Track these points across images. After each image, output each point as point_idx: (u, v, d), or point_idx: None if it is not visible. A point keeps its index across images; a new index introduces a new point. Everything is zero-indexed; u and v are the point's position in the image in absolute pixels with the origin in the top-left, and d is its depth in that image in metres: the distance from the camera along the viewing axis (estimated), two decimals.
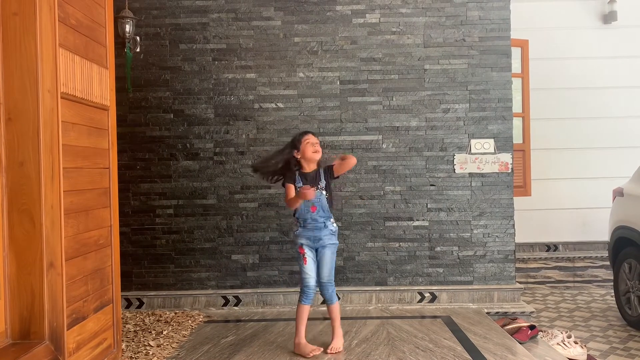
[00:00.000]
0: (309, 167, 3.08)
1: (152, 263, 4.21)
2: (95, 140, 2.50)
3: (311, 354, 2.96)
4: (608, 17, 6.18)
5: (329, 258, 3.05)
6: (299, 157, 3.07)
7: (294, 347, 3.07)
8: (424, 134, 4.22)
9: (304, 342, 3.04)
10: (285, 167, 3.09)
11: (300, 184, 3.02)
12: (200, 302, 4.17)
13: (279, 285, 4.21)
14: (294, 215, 3.11)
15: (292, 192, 3.04)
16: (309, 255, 3.05)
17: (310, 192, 2.88)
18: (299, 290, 3.08)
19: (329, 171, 3.08)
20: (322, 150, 3.09)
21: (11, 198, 2.06)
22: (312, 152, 3.03)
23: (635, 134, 6.22)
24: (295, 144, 3.06)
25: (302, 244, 3.07)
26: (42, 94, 2.08)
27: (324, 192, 3.05)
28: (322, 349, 3.03)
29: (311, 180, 3.04)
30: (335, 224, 3.11)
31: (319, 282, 3.07)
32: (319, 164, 3.11)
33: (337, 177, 3.12)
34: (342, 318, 3.22)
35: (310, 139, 3.05)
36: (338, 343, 3.07)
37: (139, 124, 4.21)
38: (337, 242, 3.12)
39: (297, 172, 3.08)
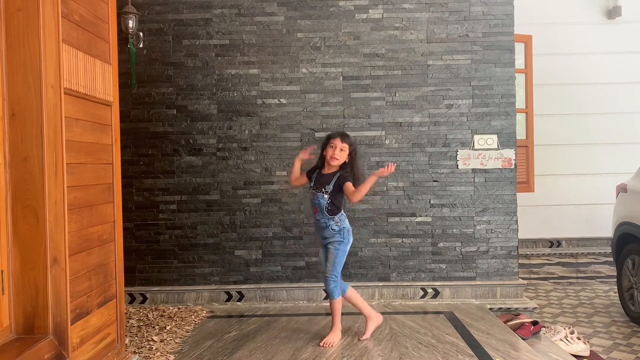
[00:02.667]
0: (329, 169, 3.15)
1: (155, 258, 4.22)
2: (99, 136, 2.50)
3: None
4: (612, 12, 6.14)
5: (331, 254, 3.11)
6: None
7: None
8: (427, 129, 4.21)
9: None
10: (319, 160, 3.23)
11: (313, 182, 3.16)
12: (204, 298, 4.18)
13: (282, 280, 4.21)
14: None
15: (297, 172, 3.25)
16: (321, 249, 3.22)
17: (305, 152, 3.24)
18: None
19: (342, 181, 3.07)
20: (343, 157, 3.09)
21: (15, 193, 2.07)
22: (329, 156, 3.09)
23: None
24: (324, 143, 3.16)
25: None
26: (45, 90, 2.08)
27: (326, 196, 3.09)
28: None
29: (322, 181, 3.12)
30: (340, 224, 3.12)
31: (323, 276, 3.15)
32: (342, 167, 3.13)
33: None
34: (345, 313, 3.24)
35: (334, 142, 3.10)
36: (332, 337, 3.13)
37: (142, 119, 4.22)
38: (344, 239, 3.12)
39: (317, 170, 3.19)
